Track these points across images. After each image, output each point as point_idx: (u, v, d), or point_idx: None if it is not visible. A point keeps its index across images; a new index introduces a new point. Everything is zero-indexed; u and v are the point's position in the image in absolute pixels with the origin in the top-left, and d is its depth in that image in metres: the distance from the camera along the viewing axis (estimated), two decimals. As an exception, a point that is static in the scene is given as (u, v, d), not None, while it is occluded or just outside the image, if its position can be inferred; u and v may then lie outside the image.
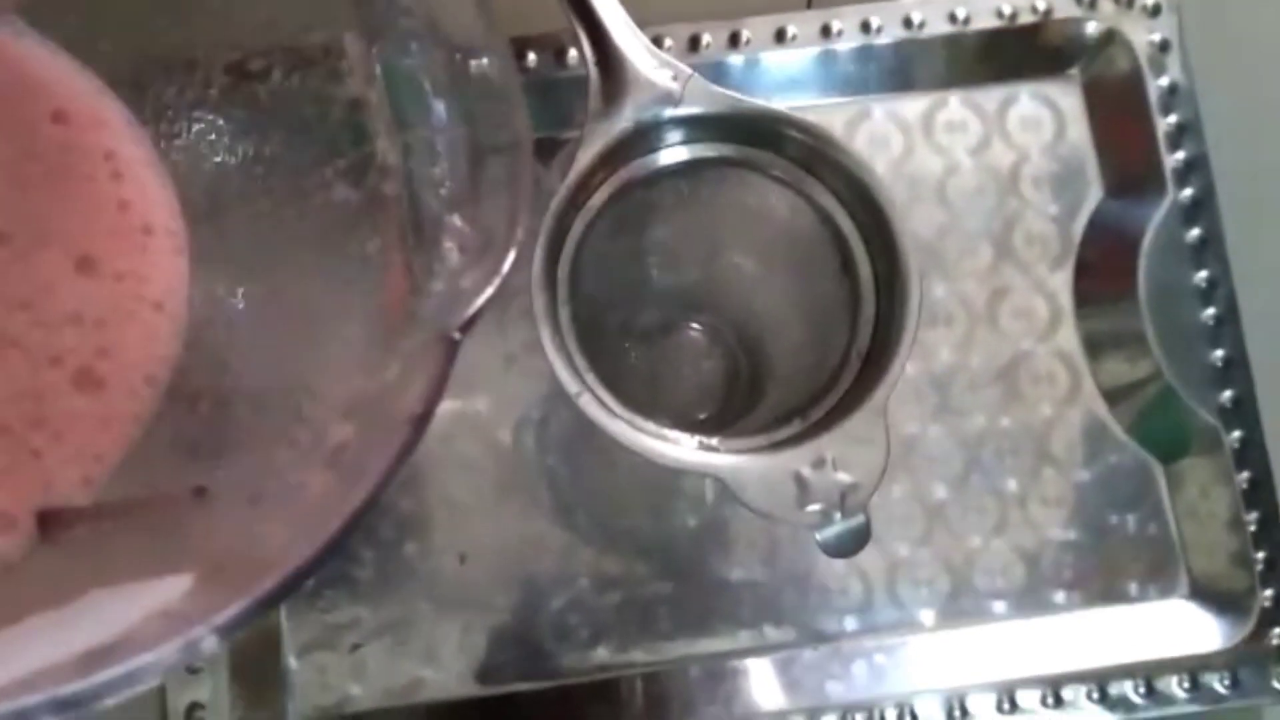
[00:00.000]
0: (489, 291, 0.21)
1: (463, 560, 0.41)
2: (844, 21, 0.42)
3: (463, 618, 0.40)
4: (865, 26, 0.42)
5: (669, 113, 0.31)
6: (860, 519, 0.28)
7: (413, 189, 0.24)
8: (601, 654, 0.41)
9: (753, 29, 0.42)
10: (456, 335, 0.21)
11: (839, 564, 0.41)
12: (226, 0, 0.27)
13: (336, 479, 0.21)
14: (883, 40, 0.42)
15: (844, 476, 0.28)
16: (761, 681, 0.41)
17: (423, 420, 0.19)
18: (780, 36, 0.42)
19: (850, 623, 0.41)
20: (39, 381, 0.25)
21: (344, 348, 0.24)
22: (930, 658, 0.41)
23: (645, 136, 0.32)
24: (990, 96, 0.44)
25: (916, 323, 0.28)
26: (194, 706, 0.38)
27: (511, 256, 0.21)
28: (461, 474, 0.41)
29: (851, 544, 0.29)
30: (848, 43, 0.42)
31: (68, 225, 0.27)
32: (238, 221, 0.28)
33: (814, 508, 0.28)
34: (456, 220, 0.23)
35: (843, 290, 0.31)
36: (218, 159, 0.28)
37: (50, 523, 0.24)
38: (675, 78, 0.31)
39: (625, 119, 0.31)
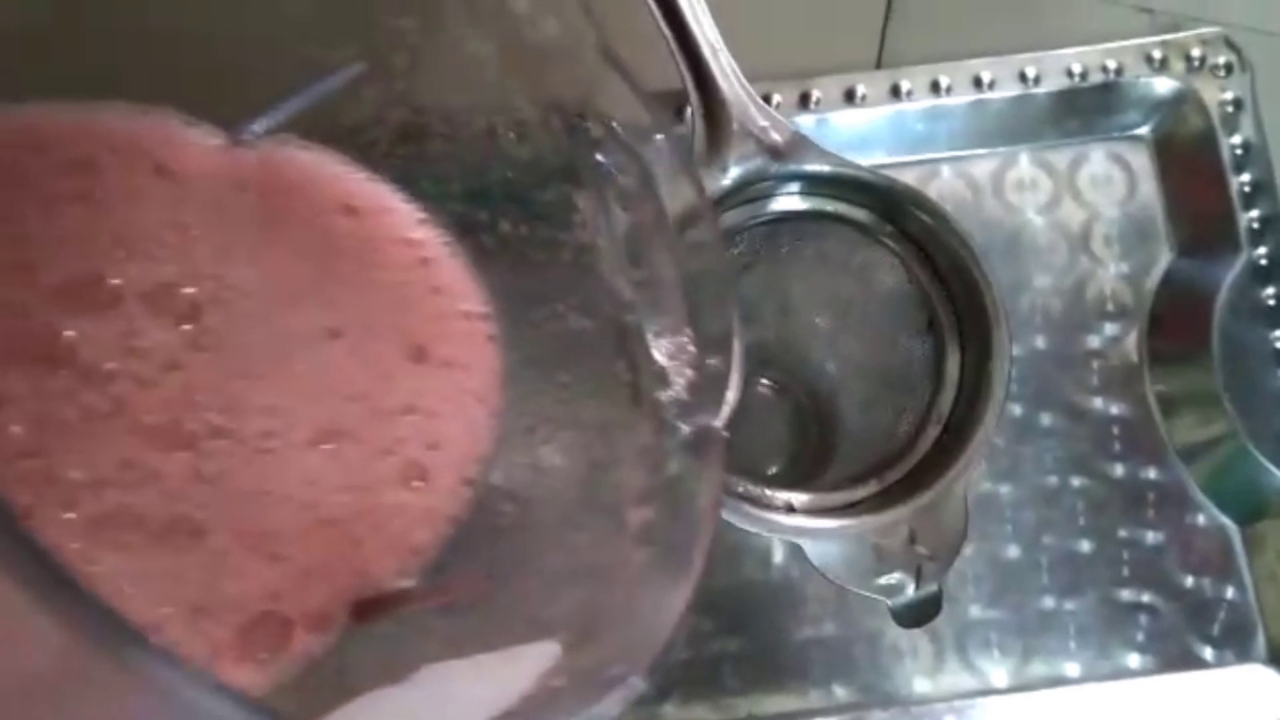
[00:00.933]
0: (733, 397, 0.23)
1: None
2: (913, 81, 0.43)
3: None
4: (935, 86, 0.43)
5: (774, 169, 0.31)
6: (933, 589, 0.28)
7: (640, 317, 0.25)
8: (669, 710, 0.41)
9: (823, 89, 0.42)
10: (723, 432, 0.23)
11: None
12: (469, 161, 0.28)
13: (656, 554, 0.22)
14: (952, 100, 0.43)
15: (921, 549, 0.28)
16: (830, 742, 0.40)
17: (718, 506, 0.21)
18: (850, 96, 0.43)
19: (921, 684, 0.41)
20: (369, 473, 0.25)
21: (625, 445, 0.25)
22: (1003, 720, 0.40)
23: (738, 190, 0.32)
24: (1061, 155, 0.44)
25: (1005, 395, 0.28)
26: None
27: (737, 361, 0.22)
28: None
29: (924, 613, 0.29)
30: (917, 103, 0.43)
31: (392, 316, 0.27)
32: (519, 322, 0.28)
33: (890, 579, 0.28)
34: (685, 338, 0.24)
35: (924, 352, 0.31)
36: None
37: (364, 611, 0.24)
38: (781, 134, 0.31)
39: (728, 172, 0.31)
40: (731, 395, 0.23)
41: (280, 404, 0.25)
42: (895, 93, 0.43)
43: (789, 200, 0.33)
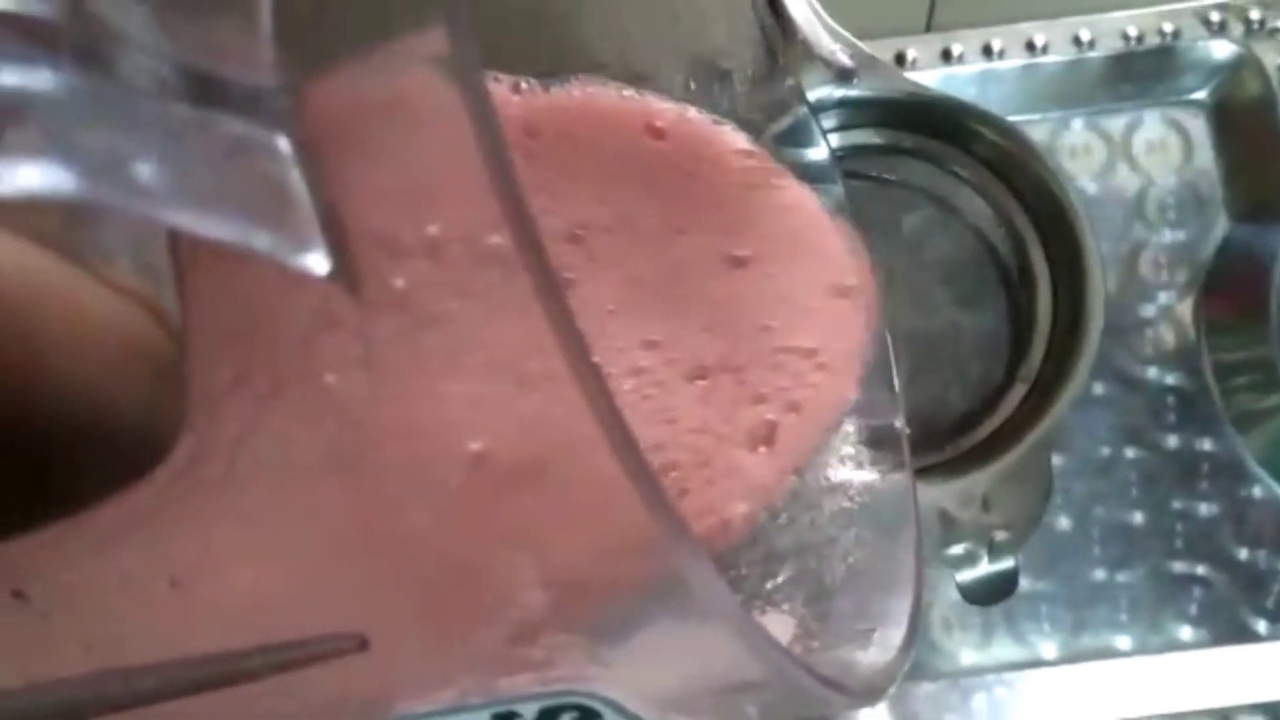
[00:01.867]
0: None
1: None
2: (964, 44, 0.42)
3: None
4: (986, 50, 0.42)
5: (840, 93, 0.29)
6: (1009, 564, 0.27)
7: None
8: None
9: (873, 52, 0.42)
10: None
11: (959, 595, 0.40)
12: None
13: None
14: (1004, 64, 0.42)
15: (996, 517, 0.26)
16: (879, 711, 0.40)
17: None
18: (900, 60, 0.42)
19: (969, 656, 0.40)
20: (729, 421, 0.23)
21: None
22: (1052, 693, 0.40)
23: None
24: (1115, 121, 0.43)
25: (1095, 349, 0.27)
26: None
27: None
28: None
29: (996, 591, 0.27)
30: (968, 66, 0.42)
31: (780, 247, 0.24)
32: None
33: (958, 549, 0.27)
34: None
35: (1011, 302, 0.29)
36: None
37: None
38: (852, 56, 0.29)
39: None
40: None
41: (664, 337, 0.23)
42: (946, 56, 0.42)
43: (862, 133, 0.31)
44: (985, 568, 0.27)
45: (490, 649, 0.14)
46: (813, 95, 0.30)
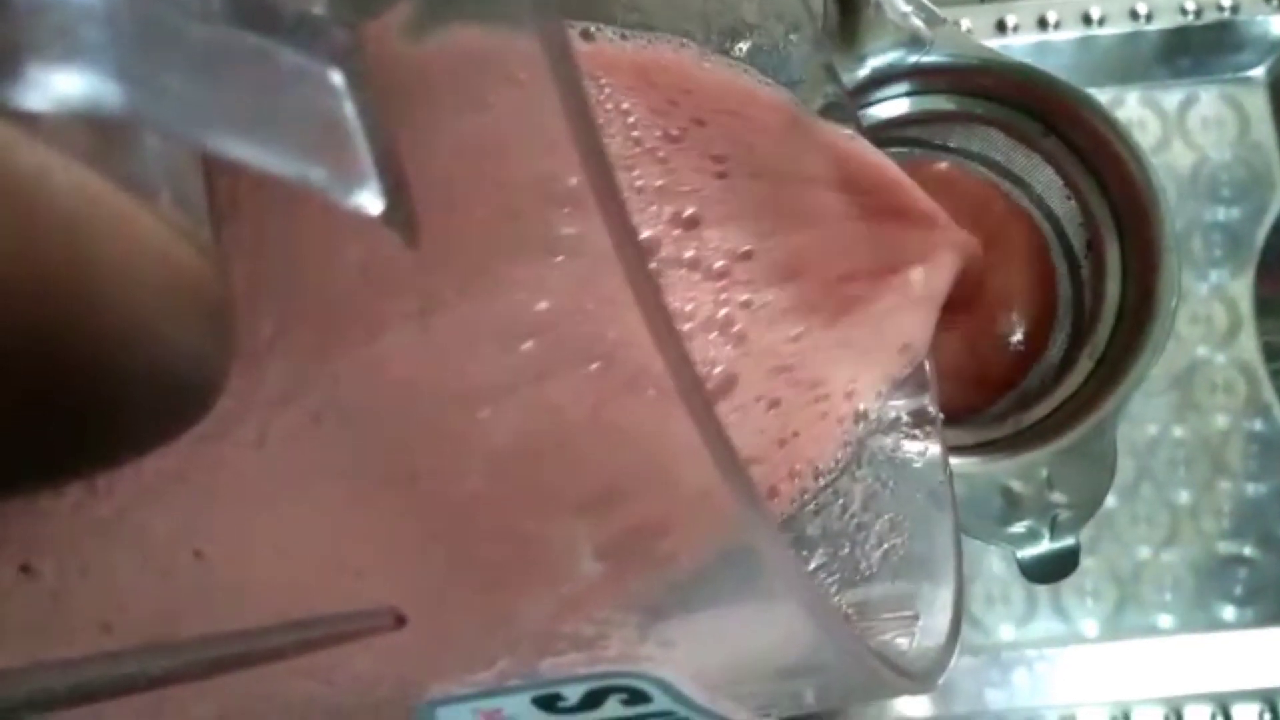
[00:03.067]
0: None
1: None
2: (1019, 16, 0.41)
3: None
4: (1042, 22, 0.41)
5: (913, 58, 0.29)
6: (1070, 542, 0.26)
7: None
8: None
9: (928, 22, 0.41)
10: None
11: (1001, 570, 0.40)
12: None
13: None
14: (1060, 36, 0.41)
15: (1059, 495, 0.26)
16: (918, 686, 0.40)
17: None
18: (954, 31, 0.41)
19: (1011, 631, 0.40)
20: (807, 373, 0.23)
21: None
22: (1094, 669, 0.40)
23: (875, 84, 0.30)
24: (1170, 96, 0.42)
25: (1170, 325, 0.27)
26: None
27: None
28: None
29: (1056, 569, 0.27)
30: (1023, 38, 0.41)
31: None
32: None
33: (1019, 527, 0.27)
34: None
35: (1080, 276, 0.29)
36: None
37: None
38: (926, 20, 0.29)
39: (864, 63, 0.29)
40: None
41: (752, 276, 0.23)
42: (1001, 28, 0.41)
43: (933, 100, 0.30)
44: (1046, 545, 0.26)
45: (537, 626, 0.14)
46: (885, 60, 0.29)
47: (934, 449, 0.22)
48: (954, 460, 0.27)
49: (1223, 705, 0.39)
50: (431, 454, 0.13)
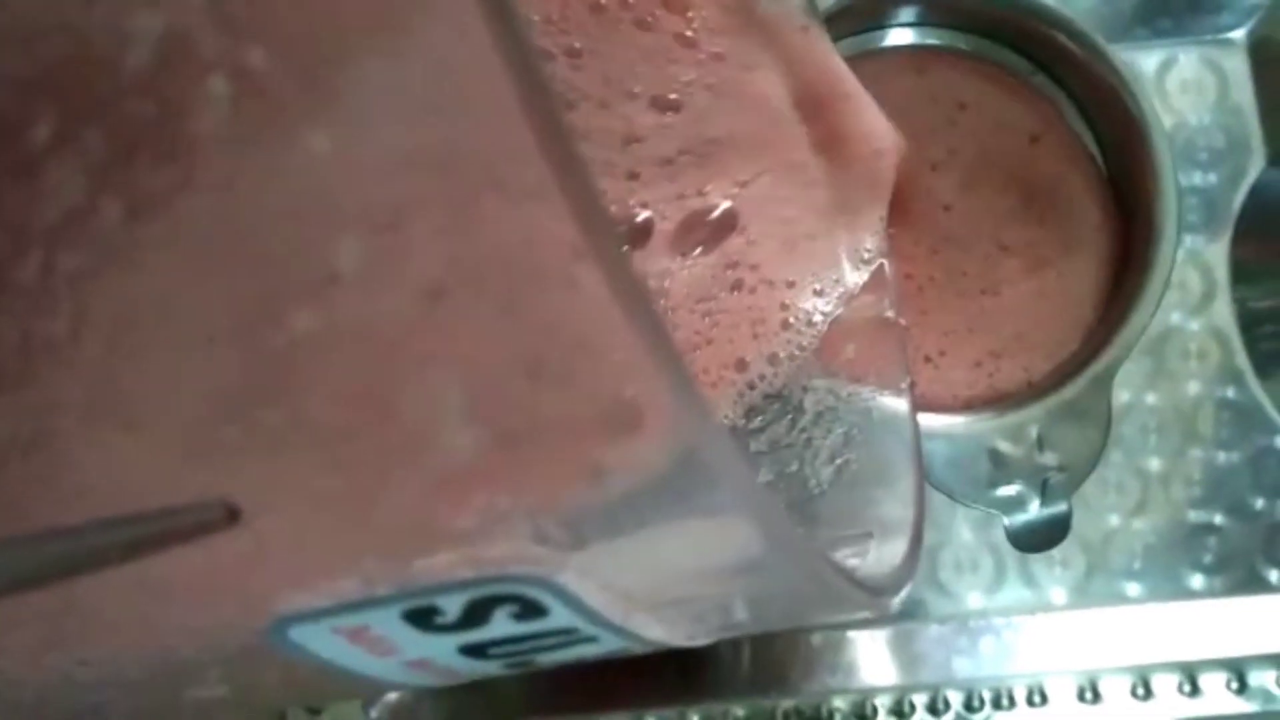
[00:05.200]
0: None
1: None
2: (998, -27, 0.40)
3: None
4: (1020, -21, 0.40)
5: None
6: (1061, 507, 0.25)
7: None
8: (720, 618, 0.40)
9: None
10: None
11: (969, 537, 0.40)
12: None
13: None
14: (1038, -6, 0.40)
15: (1050, 457, 0.25)
16: (885, 653, 0.39)
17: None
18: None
19: (979, 599, 0.40)
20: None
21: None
22: (1062, 638, 0.39)
23: (844, 12, 0.28)
24: (1149, 58, 0.41)
25: (1167, 278, 0.26)
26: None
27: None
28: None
29: (1046, 536, 0.26)
30: (1002, -4, 0.40)
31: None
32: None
33: (1008, 490, 0.25)
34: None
35: (1072, 230, 0.28)
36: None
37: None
38: None
39: None
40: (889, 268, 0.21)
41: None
42: (979, -16, 0.40)
43: (905, 33, 0.29)
44: (1036, 511, 0.25)
45: (402, 517, 0.11)
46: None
47: (894, 357, 0.21)
48: (937, 419, 0.26)
49: (1190, 674, 0.38)
50: (256, 286, 0.10)
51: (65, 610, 0.11)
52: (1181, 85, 0.41)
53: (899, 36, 0.30)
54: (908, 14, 0.29)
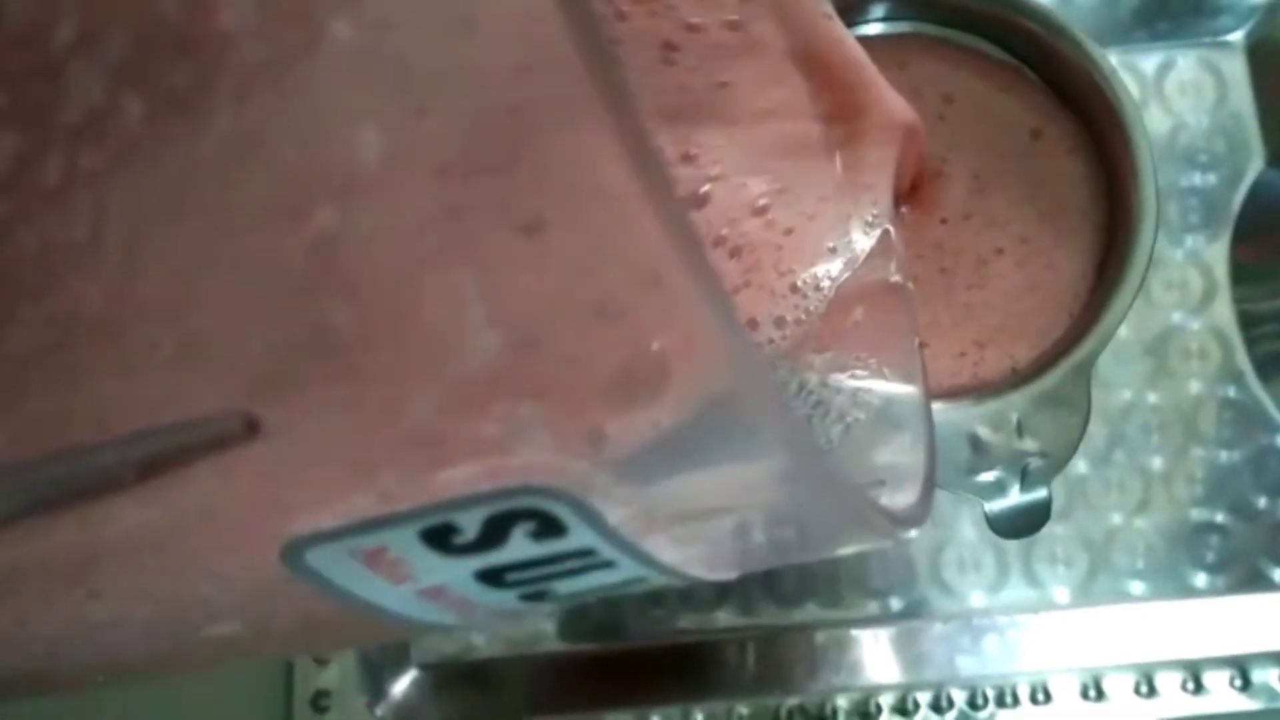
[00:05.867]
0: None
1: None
2: (996, -24, 0.41)
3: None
4: (1019, -17, 0.41)
5: None
6: (1042, 494, 0.26)
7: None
8: (724, 616, 0.40)
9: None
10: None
11: (973, 535, 0.40)
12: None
13: None
14: (1037, -3, 0.41)
15: (1030, 443, 0.25)
16: (888, 652, 0.40)
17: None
18: (930, -9, 0.41)
19: (982, 597, 0.40)
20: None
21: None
22: (1066, 636, 0.39)
23: (846, 3, 0.28)
24: (1148, 60, 0.42)
25: (1147, 265, 0.26)
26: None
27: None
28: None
29: (1027, 523, 0.26)
30: (1001, 0, 0.41)
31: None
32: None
33: (988, 476, 0.26)
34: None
35: (1064, 221, 0.28)
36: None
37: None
38: None
39: None
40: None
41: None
42: (978, -12, 0.41)
43: (883, 26, 0.30)
44: (1016, 498, 0.26)
45: (423, 424, 0.11)
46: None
47: (901, 319, 0.21)
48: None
49: (1194, 672, 0.38)
50: (270, 186, 0.10)
51: (78, 537, 0.11)
52: (1180, 87, 0.42)
53: (878, 30, 0.30)
54: (885, 8, 0.29)
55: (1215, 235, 0.41)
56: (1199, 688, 0.38)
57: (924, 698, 0.38)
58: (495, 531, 0.12)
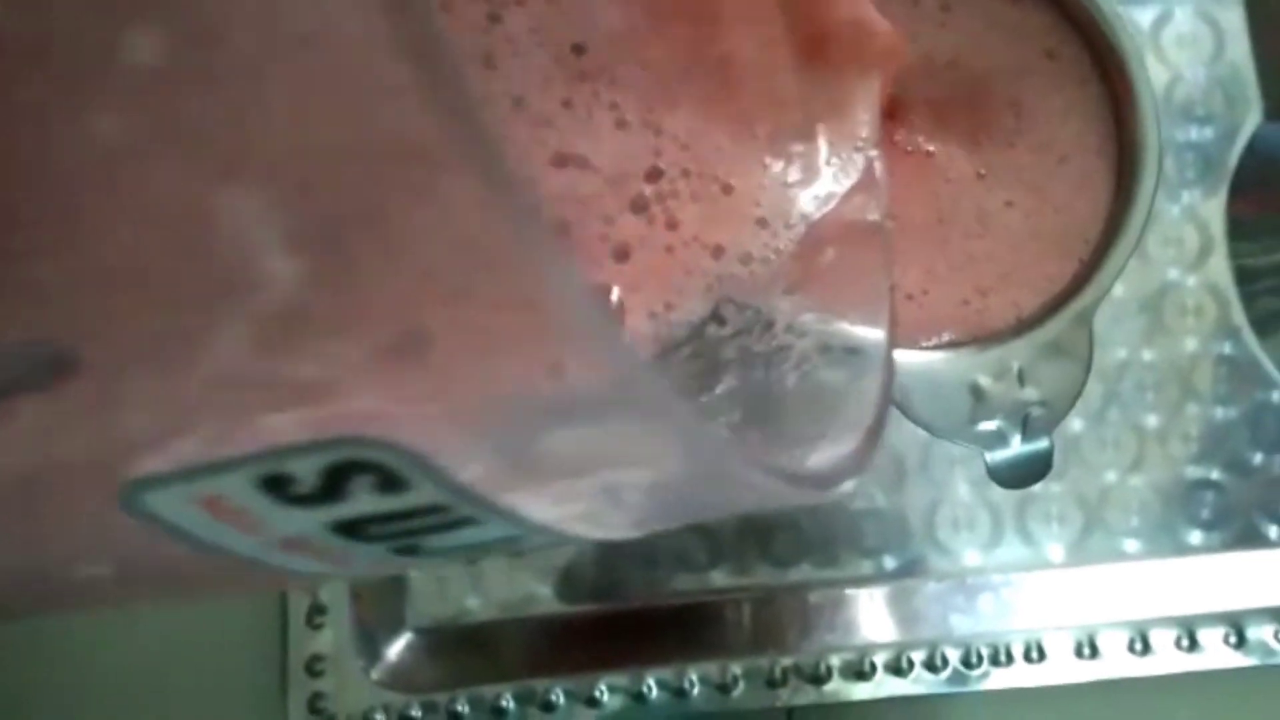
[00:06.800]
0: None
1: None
2: (992, -71, 0.40)
3: (580, 534, 0.39)
4: (1015, -65, 0.40)
5: None
6: (1043, 444, 0.25)
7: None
8: (718, 577, 0.40)
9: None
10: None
11: (967, 494, 0.40)
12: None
13: None
14: (1033, -50, 0.40)
15: (1031, 392, 0.25)
16: (883, 611, 0.39)
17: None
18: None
19: (976, 556, 0.40)
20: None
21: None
22: (1060, 594, 0.39)
23: None
24: (1144, 12, 0.41)
25: (1149, 209, 0.26)
26: (314, 610, 0.38)
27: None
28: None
29: (1028, 473, 0.25)
30: (996, -48, 0.40)
31: None
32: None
33: (989, 425, 0.25)
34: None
35: (1073, 162, 0.27)
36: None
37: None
38: None
39: None
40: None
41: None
42: (973, -59, 0.40)
43: None
44: (1017, 447, 0.25)
45: (234, 360, 0.09)
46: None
47: (876, 261, 0.21)
48: (918, 355, 0.26)
49: (1189, 629, 0.38)
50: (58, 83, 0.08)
51: None
52: (1178, 39, 0.41)
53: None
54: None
55: (1212, 190, 0.41)
56: (1194, 645, 0.38)
57: (918, 656, 0.38)
58: (335, 483, 0.11)
